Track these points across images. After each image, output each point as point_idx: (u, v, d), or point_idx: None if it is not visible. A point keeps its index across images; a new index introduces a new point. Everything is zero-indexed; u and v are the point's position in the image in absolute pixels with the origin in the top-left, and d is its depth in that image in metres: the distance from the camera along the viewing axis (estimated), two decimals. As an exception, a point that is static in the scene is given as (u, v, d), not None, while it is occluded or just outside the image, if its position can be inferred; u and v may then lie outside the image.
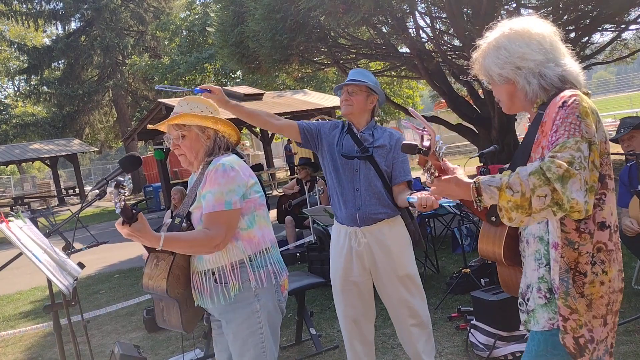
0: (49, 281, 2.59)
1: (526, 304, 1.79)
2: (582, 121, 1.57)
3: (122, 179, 1.97)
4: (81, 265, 2.71)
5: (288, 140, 23.52)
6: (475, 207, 1.62)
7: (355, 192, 3.04)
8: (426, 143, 1.64)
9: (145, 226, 2.04)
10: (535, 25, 1.78)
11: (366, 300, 3.21)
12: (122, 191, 1.95)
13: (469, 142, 14.46)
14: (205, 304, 2.35)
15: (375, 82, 3.18)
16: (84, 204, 2.57)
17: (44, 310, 2.62)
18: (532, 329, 1.74)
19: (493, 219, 1.76)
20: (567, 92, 1.66)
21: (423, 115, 3.79)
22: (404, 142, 1.67)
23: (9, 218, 2.45)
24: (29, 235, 2.49)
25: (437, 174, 1.67)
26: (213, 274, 2.29)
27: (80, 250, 3.25)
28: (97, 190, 2.51)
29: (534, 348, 1.74)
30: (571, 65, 1.76)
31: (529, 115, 1.87)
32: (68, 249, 2.77)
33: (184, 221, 2.31)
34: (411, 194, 2.80)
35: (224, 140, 2.41)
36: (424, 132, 1.65)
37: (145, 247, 2.27)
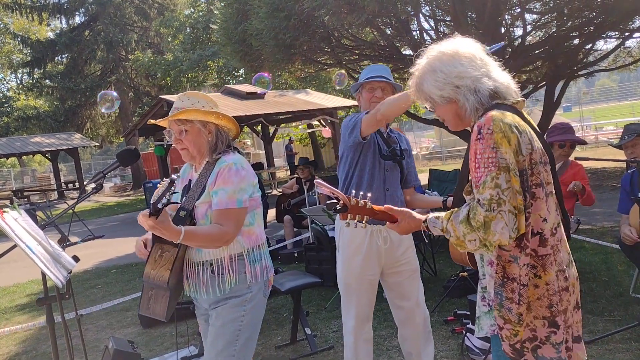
0: (43, 274, 2.58)
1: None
2: (497, 151, 1.70)
3: (175, 177, 2.04)
4: (76, 259, 2.69)
5: (289, 139, 23.54)
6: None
7: (385, 191, 3.10)
8: (342, 202, 1.91)
9: (168, 220, 2.10)
10: (462, 45, 1.88)
11: (373, 299, 3.23)
12: (172, 188, 2.01)
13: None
14: (198, 295, 2.39)
15: (391, 75, 3.22)
16: (80, 197, 2.55)
17: (37, 303, 2.60)
18: (477, 336, 1.93)
19: None
20: (482, 118, 1.76)
21: (424, 118, 3.76)
22: (327, 202, 1.91)
23: (4, 209, 2.44)
24: (23, 226, 2.47)
25: (366, 220, 1.95)
26: (210, 265, 2.35)
27: (76, 243, 3.23)
28: (93, 184, 2.49)
29: (494, 350, 1.88)
30: (501, 76, 1.87)
31: None
32: (63, 242, 2.76)
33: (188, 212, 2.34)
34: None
35: (224, 134, 2.45)
36: (335, 196, 1.91)
37: (154, 237, 2.30)
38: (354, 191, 1.93)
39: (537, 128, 1.89)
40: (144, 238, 2.43)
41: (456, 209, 1.82)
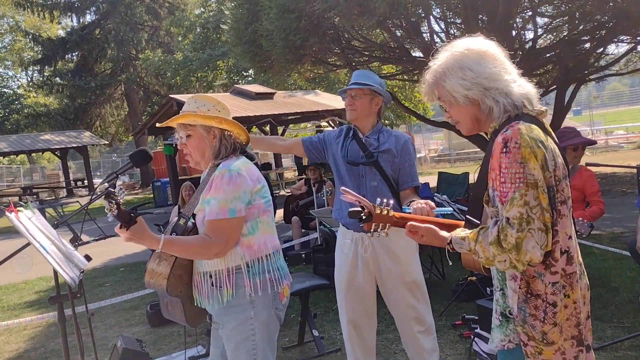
0: (55, 272, 2.60)
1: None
2: (525, 167, 1.64)
3: (113, 190, 1.98)
4: (88, 258, 2.71)
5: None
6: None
7: (363, 196, 3.02)
8: (366, 211, 1.88)
9: (144, 229, 2.06)
10: (490, 45, 1.80)
11: (368, 307, 3.20)
12: (112, 202, 1.97)
13: (478, 149, 14.40)
14: (203, 304, 2.35)
15: (380, 83, 3.13)
16: (93, 197, 2.57)
17: (49, 302, 2.63)
18: (490, 347, 1.94)
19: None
20: (508, 131, 1.68)
21: (433, 120, 3.75)
22: (350, 210, 1.86)
23: (18, 208, 2.46)
24: (37, 225, 2.49)
25: (387, 228, 1.90)
26: (210, 276, 2.28)
27: (88, 242, 3.25)
28: (106, 184, 2.50)
29: None
30: (527, 84, 1.80)
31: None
32: (75, 241, 2.78)
33: (189, 221, 2.32)
34: (409, 204, 2.76)
35: (230, 140, 2.35)
36: (362, 205, 1.88)
37: None
38: (378, 199, 1.89)
39: (556, 138, 1.82)
40: None
41: (482, 227, 1.75)
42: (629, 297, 4.56)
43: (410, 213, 2.53)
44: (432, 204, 2.62)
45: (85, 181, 25.39)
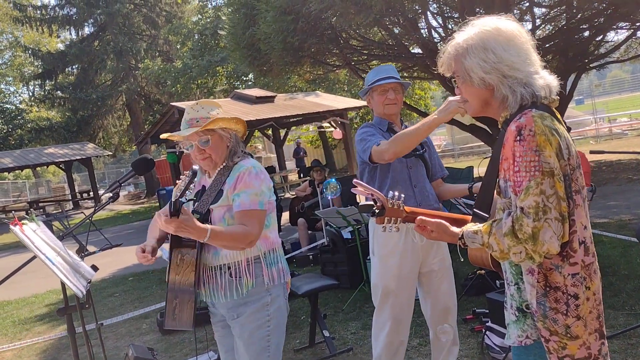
0: (63, 284, 2.60)
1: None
2: (540, 155, 1.59)
3: (197, 168, 2.06)
4: (94, 268, 2.71)
5: (297, 142, 23.52)
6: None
7: (414, 188, 3.07)
8: (379, 204, 1.82)
9: (192, 218, 2.09)
10: (520, 31, 1.73)
11: (413, 299, 3.20)
12: (195, 180, 2.03)
13: (482, 143, 14.36)
14: (216, 299, 2.39)
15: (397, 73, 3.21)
16: (97, 207, 2.57)
17: (57, 314, 2.63)
18: (507, 343, 1.83)
19: None
20: (522, 118, 1.63)
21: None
22: (361, 204, 1.82)
23: (23, 221, 2.46)
24: (42, 238, 2.49)
25: (399, 223, 1.85)
26: (228, 268, 2.35)
27: (94, 253, 3.25)
28: (110, 193, 2.50)
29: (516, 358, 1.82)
30: (548, 76, 1.74)
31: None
32: (82, 252, 2.78)
33: (202, 217, 2.35)
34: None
35: (239, 139, 2.50)
36: (375, 197, 1.82)
37: (172, 242, 2.32)
38: (390, 192, 1.85)
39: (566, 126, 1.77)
40: (142, 245, 2.44)
41: (494, 220, 1.69)
42: (639, 284, 4.53)
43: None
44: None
45: (91, 193, 25.46)
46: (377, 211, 1.80)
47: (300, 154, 22.14)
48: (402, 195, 1.85)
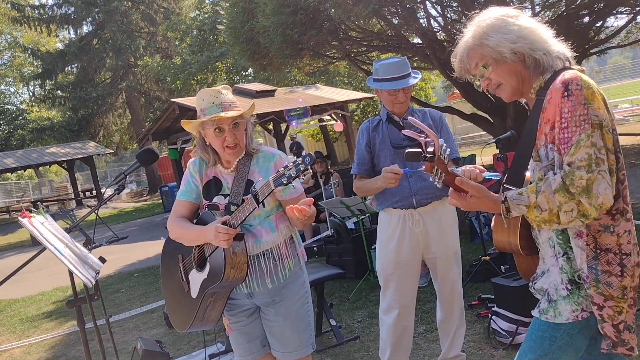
0: (72, 276, 2.62)
1: (535, 287, 1.78)
2: (589, 108, 1.56)
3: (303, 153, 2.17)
4: (102, 260, 2.73)
5: (291, 137, 23.47)
6: (503, 217, 1.67)
7: (409, 178, 3.06)
8: (430, 149, 1.63)
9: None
10: (522, 13, 1.77)
11: (414, 285, 3.23)
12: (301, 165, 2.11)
13: (484, 132, 14.34)
14: (261, 286, 2.42)
15: (409, 66, 3.19)
16: (102, 200, 2.59)
17: (67, 305, 2.65)
18: (554, 321, 1.69)
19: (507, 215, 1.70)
20: (566, 75, 1.61)
21: (436, 106, 3.73)
22: (407, 150, 1.65)
23: (31, 214, 2.48)
24: (50, 230, 2.51)
25: (444, 178, 1.67)
26: (271, 253, 2.42)
27: (101, 245, 3.28)
28: (115, 185, 2.51)
29: (547, 329, 1.70)
30: (562, 45, 1.75)
31: (525, 101, 1.84)
32: (89, 245, 2.80)
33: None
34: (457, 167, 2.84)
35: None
36: (427, 139, 1.66)
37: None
38: (442, 139, 1.70)
39: None
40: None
41: (537, 181, 1.63)
42: (644, 267, 4.54)
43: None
44: (482, 167, 2.65)
45: (94, 191, 25.52)
46: (427, 156, 1.62)
47: (294, 149, 22.10)
48: (449, 149, 1.71)
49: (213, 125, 2.35)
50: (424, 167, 1.65)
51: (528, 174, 1.78)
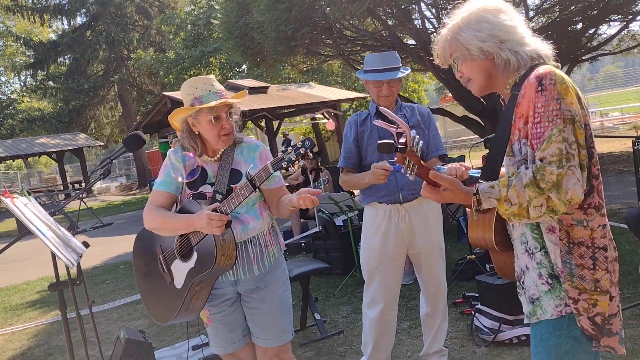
0: (55, 260, 2.60)
1: (524, 288, 1.76)
2: (561, 102, 1.57)
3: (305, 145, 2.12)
4: (86, 244, 2.71)
5: (283, 133, 23.48)
6: (474, 210, 1.70)
7: (396, 173, 3.04)
8: (402, 140, 1.63)
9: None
10: (506, 5, 1.75)
11: (398, 280, 3.24)
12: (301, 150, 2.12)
13: (475, 136, 14.41)
14: (248, 273, 2.44)
15: (399, 59, 3.19)
16: (88, 184, 2.58)
17: (49, 288, 2.63)
18: (542, 319, 1.69)
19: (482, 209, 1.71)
20: (540, 69, 1.62)
21: (430, 108, 3.74)
22: (379, 141, 1.64)
23: (14, 194, 2.46)
24: (33, 212, 2.50)
25: (416, 170, 1.67)
26: (258, 239, 2.45)
27: (85, 231, 3.26)
28: (101, 170, 2.50)
29: (549, 337, 1.68)
30: (542, 43, 1.74)
31: (502, 97, 1.84)
32: (73, 229, 2.79)
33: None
34: (443, 165, 2.85)
35: None
36: (398, 130, 1.65)
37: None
38: (413, 131, 1.70)
39: None
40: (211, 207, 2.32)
41: (510, 175, 1.63)
42: (628, 269, 4.58)
43: (445, 172, 2.50)
44: (468, 165, 2.66)
45: (83, 183, 25.35)
46: (399, 147, 1.62)
47: (285, 145, 22.05)
48: (422, 142, 1.71)
49: (211, 114, 2.33)
50: (395, 158, 1.65)
51: (503, 169, 1.78)
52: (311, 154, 2.14)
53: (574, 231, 1.62)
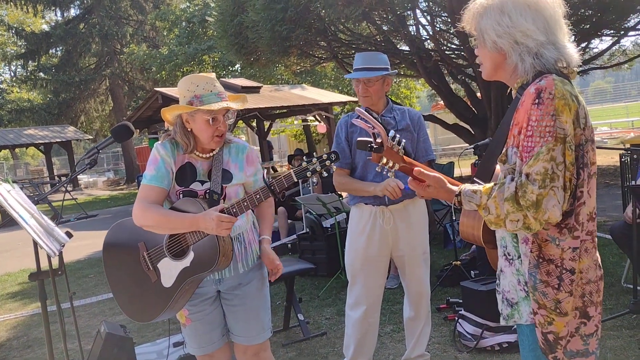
0: (36, 249, 2.56)
1: (501, 287, 1.78)
2: (556, 120, 1.54)
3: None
4: (69, 235, 2.68)
5: (268, 142, 23.43)
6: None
7: (383, 176, 3.01)
8: (378, 140, 1.68)
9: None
10: (544, 2, 1.65)
11: (382, 282, 3.23)
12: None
13: (466, 145, 14.48)
14: (232, 272, 2.44)
15: (387, 61, 3.16)
16: (74, 173, 2.55)
17: (29, 278, 2.59)
18: (519, 323, 1.72)
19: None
20: (542, 81, 1.58)
21: (422, 115, 3.76)
22: (358, 139, 1.70)
23: (-3, 181, 2.42)
24: (16, 199, 2.46)
25: (396, 168, 1.71)
26: (243, 237, 2.46)
27: (69, 221, 3.22)
28: (87, 160, 2.48)
29: (526, 341, 1.72)
30: (570, 48, 1.66)
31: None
32: (56, 219, 2.75)
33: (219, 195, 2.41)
34: None
35: None
36: (374, 131, 1.69)
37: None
38: (392, 131, 1.73)
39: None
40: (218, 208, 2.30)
41: (495, 182, 1.63)
42: (611, 281, 4.62)
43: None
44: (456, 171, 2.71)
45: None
46: (374, 147, 1.66)
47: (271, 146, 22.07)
48: (403, 141, 1.74)
49: (208, 115, 2.30)
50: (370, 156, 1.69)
51: (498, 167, 1.78)
52: (334, 168, 2.22)
53: (547, 247, 1.62)
